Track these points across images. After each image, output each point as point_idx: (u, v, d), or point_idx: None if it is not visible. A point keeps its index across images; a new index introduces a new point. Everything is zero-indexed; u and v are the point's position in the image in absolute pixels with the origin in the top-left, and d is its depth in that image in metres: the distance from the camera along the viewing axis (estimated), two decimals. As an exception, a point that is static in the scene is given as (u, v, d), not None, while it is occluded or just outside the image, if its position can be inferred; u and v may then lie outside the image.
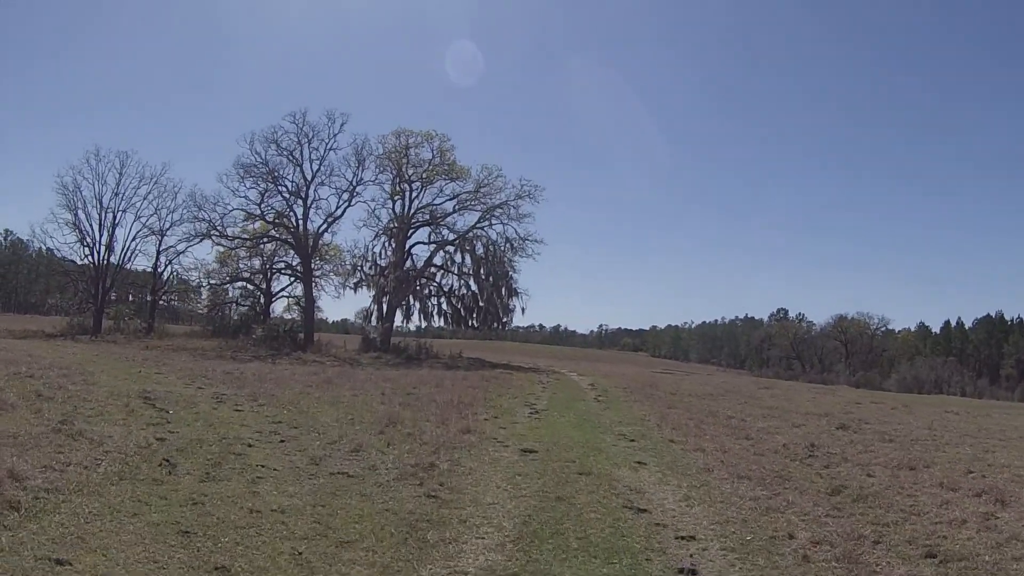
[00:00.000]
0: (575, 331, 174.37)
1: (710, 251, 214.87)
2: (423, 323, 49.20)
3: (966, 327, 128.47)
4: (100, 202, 50.29)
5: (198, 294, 61.02)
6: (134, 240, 51.51)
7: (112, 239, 51.12)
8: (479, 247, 46.73)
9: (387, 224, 47.55)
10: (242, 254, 53.88)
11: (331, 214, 46.74)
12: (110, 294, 53.03)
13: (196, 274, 55.68)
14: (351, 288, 50.23)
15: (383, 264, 47.65)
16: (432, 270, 48.32)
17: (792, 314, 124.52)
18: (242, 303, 57.84)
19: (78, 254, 51.49)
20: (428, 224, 47.69)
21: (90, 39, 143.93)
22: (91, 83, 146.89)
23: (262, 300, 55.94)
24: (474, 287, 47.23)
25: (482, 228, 47.39)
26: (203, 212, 45.75)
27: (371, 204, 47.80)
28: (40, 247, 53.09)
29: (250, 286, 56.67)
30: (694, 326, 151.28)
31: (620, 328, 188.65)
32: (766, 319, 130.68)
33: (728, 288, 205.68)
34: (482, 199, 47.16)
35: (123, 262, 52.22)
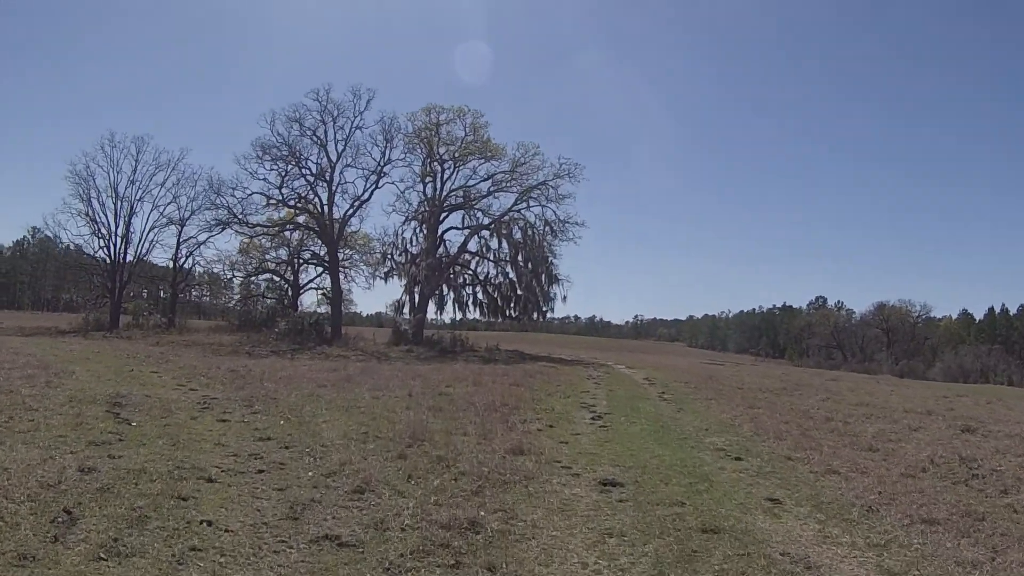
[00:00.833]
0: (610, 322, 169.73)
1: (743, 241, 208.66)
2: (457, 314, 45.19)
3: (1011, 313, 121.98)
4: (116, 191, 47.07)
5: (222, 287, 57.65)
6: (152, 230, 48.16)
7: (129, 230, 47.95)
8: (516, 231, 42.67)
9: (417, 208, 43.67)
10: (267, 244, 50.30)
11: (358, 198, 43.02)
12: (127, 288, 49.66)
13: (220, 266, 52.26)
14: (381, 278, 46.44)
15: (414, 251, 43.72)
16: (466, 257, 44.34)
17: (831, 302, 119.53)
18: (269, 296, 54.33)
19: (93, 246, 48.23)
20: (461, 207, 43.68)
21: (103, 30, 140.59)
22: (106, 75, 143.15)
23: (289, 292, 52.41)
24: (512, 274, 43.15)
25: (519, 211, 43.40)
26: (221, 198, 42.11)
27: (400, 186, 43.97)
28: (68, 244, 49.14)
29: (276, 278, 53.17)
30: (731, 315, 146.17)
31: (655, 318, 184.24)
32: (804, 307, 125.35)
33: (763, 277, 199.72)
34: (519, 179, 43.15)
35: (141, 254, 48.94)
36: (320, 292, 49.91)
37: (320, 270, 48.76)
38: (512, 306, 43.74)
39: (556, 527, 7.08)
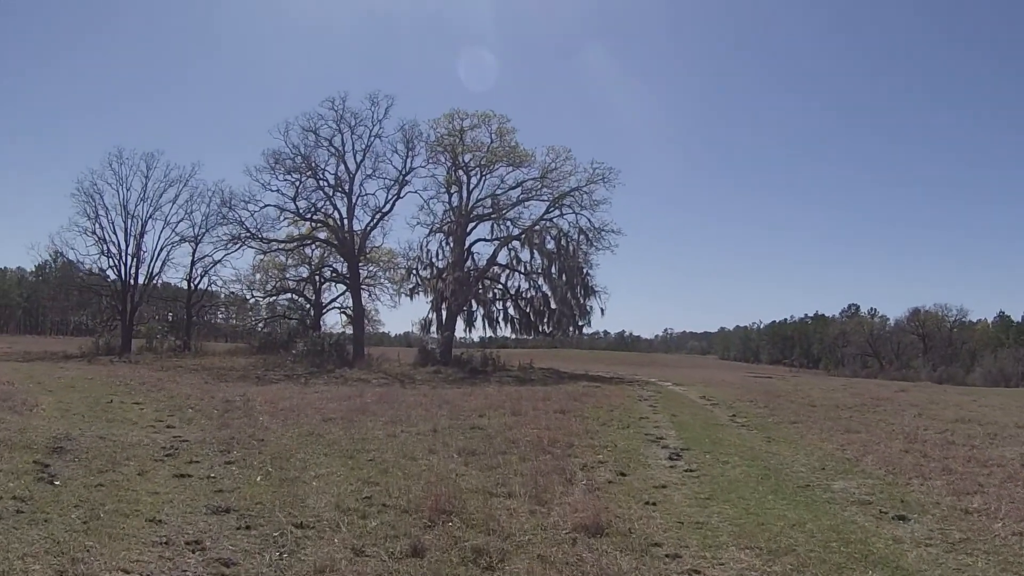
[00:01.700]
0: (639, 336, 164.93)
1: (770, 249, 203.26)
2: (487, 332, 41.48)
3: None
4: (125, 208, 44.14)
5: (247, 309, 54.56)
6: (163, 249, 45.17)
7: (140, 249, 44.95)
8: (549, 241, 39.05)
9: (443, 219, 40.23)
10: (287, 262, 47.10)
11: (379, 210, 39.68)
12: (141, 310, 46.67)
13: (238, 286, 49.08)
14: (406, 295, 42.86)
15: (440, 266, 40.24)
16: (495, 270, 40.75)
17: (864, 309, 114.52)
18: (291, 316, 51.17)
19: (101, 266, 45.30)
20: (489, 218, 40.15)
21: (106, 38, 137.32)
22: (110, 83, 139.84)
23: (311, 312, 49.21)
24: (544, 287, 39.48)
25: (551, 219, 39.81)
26: (234, 212, 38.96)
27: (423, 195, 40.54)
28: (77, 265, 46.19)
29: (298, 297, 50.02)
30: (763, 326, 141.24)
31: (685, 331, 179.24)
32: (837, 315, 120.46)
33: (793, 286, 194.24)
34: (550, 186, 39.59)
35: (152, 274, 45.89)
36: (342, 312, 46.61)
37: (343, 288, 45.53)
38: (546, 321, 40.07)
39: None
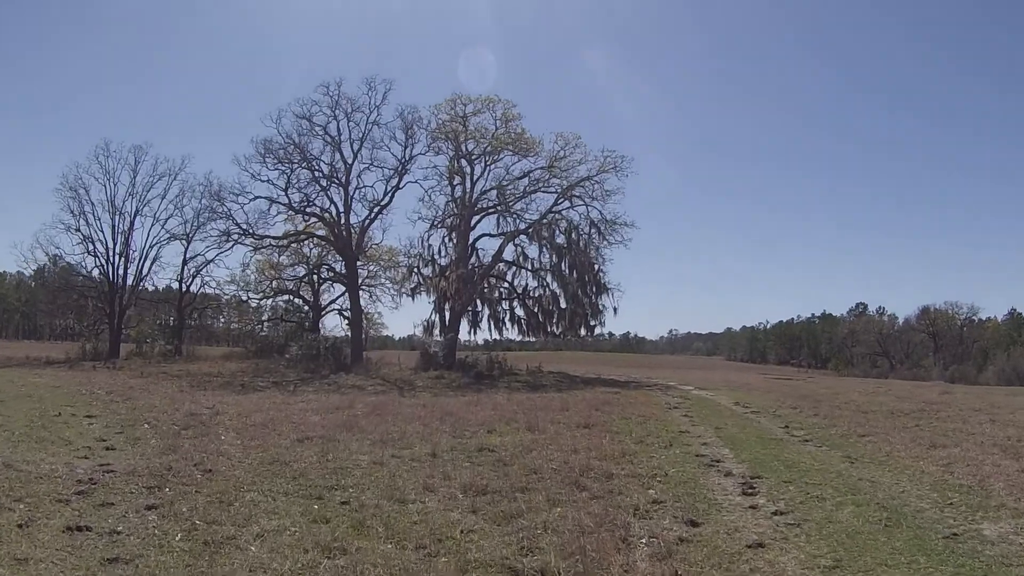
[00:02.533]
0: (644, 337, 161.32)
1: (775, 249, 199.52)
2: (493, 333, 38.41)
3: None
4: (112, 204, 41.31)
5: (236, 311, 51.68)
6: (152, 247, 42.33)
7: (128, 247, 42.09)
8: (558, 235, 36.13)
9: (444, 211, 37.29)
10: (284, 262, 44.16)
11: (377, 202, 36.75)
12: (131, 312, 43.82)
13: (233, 288, 46.14)
14: (407, 295, 39.92)
15: (443, 263, 37.35)
16: (501, 267, 37.88)
17: (871, 308, 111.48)
18: (288, 319, 48.31)
19: (87, 266, 42.58)
20: (495, 210, 37.32)
21: (91, 26, 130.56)
22: (95, 72, 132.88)
23: (310, 314, 46.36)
24: (553, 286, 36.53)
25: (559, 212, 36.93)
26: (223, 205, 36.11)
27: (424, 185, 37.63)
28: (62, 264, 43.47)
29: (296, 299, 47.18)
30: (769, 326, 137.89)
31: (690, 332, 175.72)
32: (844, 315, 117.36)
33: (799, 285, 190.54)
34: (558, 176, 36.66)
35: (142, 274, 43.01)
36: (341, 314, 43.75)
37: (343, 289, 42.61)
38: (555, 321, 37.11)
39: None
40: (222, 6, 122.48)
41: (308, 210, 36.54)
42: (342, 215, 36.44)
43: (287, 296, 47.00)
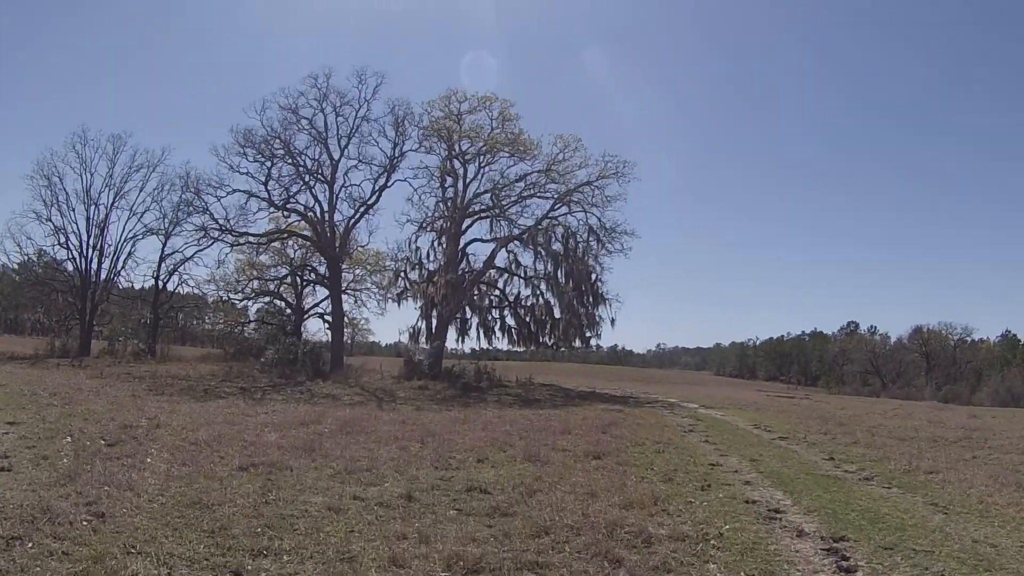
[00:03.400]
0: (632, 350, 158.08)
1: (766, 265, 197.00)
2: (483, 342, 35.68)
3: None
4: (88, 194, 38.57)
5: (215, 312, 48.78)
6: (128, 241, 39.59)
7: (103, 240, 39.34)
8: (554, 242, 33.62)
9: (434, 213, 34.61)
10: (266, 261, 41.31)
11: (363, 202, 34.12)
12: (101, 309, 41.00)
13: (212, 287, 43.22)
14: (393, 300, 37.18)
15: (432, 268, 34.70)
16: (492, 274, 35.27)
17: (863, 327, 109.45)
18: (270, 321, 45.43)
19: (59, 259, 39.81)
20: (488, 213, 34.73)
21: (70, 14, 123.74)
22: (75, 60, 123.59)
23: (292, 318, 43.51)
24: (547, 295, 33.90)
25: (556, 218, 34.39)
26: (199, 199, 33.38)
27: (414, 184, 34.81)
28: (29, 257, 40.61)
29: (277, 301, 44.31)
30: (759, 342, 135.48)
31: (678, 346, 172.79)
32: (835, 333, 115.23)
33: (788, 302, 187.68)
34: (556, 180, 34.11)
35: (117, 268, 40.25)
36: (322, 318, 40.89)
37: (327, 292, 39.87)
38: (548, 332, 34.49)
39: None
40: (220, 7, 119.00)
41: (289, 206, 33.85)
42: (326, 214, 33.80)
43: (268, 298, 44.23)
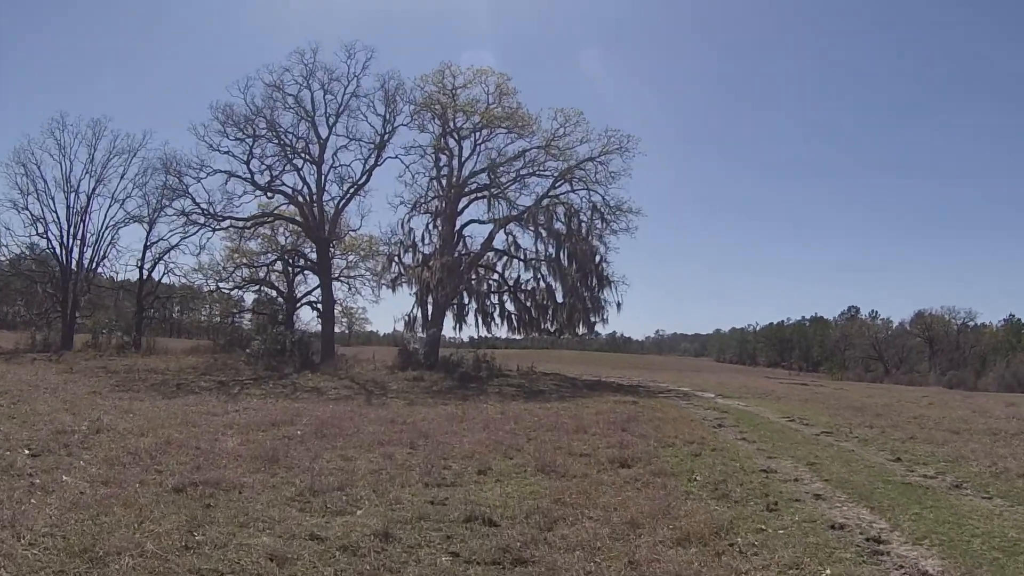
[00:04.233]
0: (630, 337, 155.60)
1: (763, 251, 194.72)
2: (481, 329, 33.39)
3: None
4: (68, 181, 36.29)
5: (201, 300, 46.55)
6: (109, 229, 37.35)
7: (85, 229, 37.10)
8: (556, 222, 31.39)
9: (427, 190, 32.36)
10: (255, 248, 38.95)
11: (354, 182, 31.84)
12: (84, 301, 38.77)
13: (200, 277, 40.85)
14: (387, 286, 34.92)
15: (426, 251, 32.46)
16: (491, 256, 33.14)
17: (864, 312, 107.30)
18: (261, 311, 43.12)
19: (38, 249, 37.58)
20: (485, 191, 32.51)
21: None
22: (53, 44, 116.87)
23: (283, 307, 41.20)
24: (549, 279, 31.69)
25: (557, 197, 32.19)
26: (179, 181, 31.05)
27: (405, 160, 32.55)
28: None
29: (268, 290, 42.00)
30: (759, 328, 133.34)
31: (676, 333, 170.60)
32: (835, 318, 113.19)
33: (789, 287, 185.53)
34: (557, 157, 31.91)
35: (98, 258, 38.00)
36: (313, 307, 38.60)
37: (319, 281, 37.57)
38: (550, 317, 32.26)
39: None
40: (216, 6, 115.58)
41: (276, 187, 31.49)
42: (314, 196, 31.52)
43: (258, 287, 41.95)
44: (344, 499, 6.95)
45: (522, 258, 32.17)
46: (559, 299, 31.51)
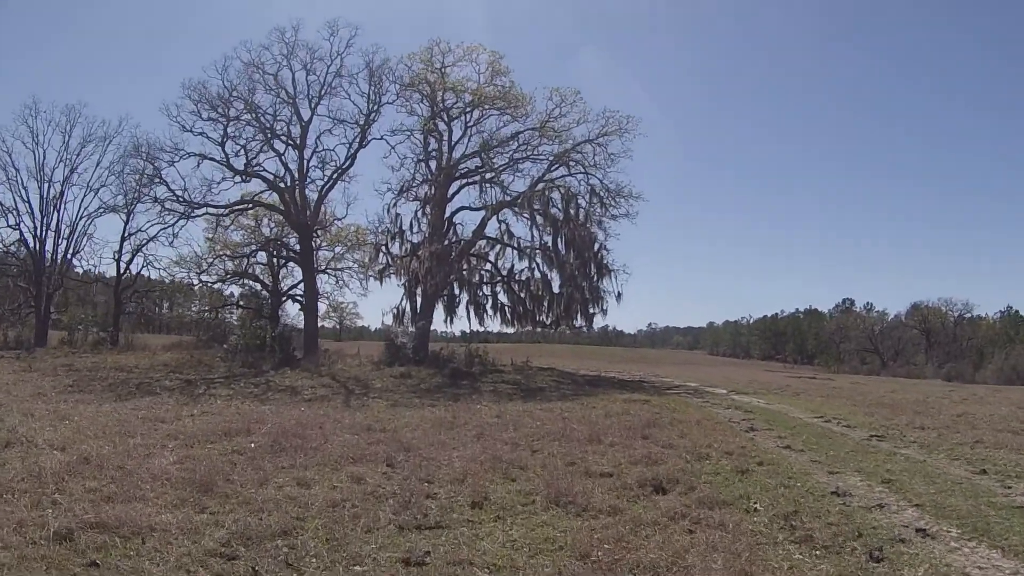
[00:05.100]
0: (623, 331, 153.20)
1: (755, 244, 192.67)
2: (473, 322, 31.20)
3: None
4: (41, 171, 34.08)
5: (186, 296, 44.36)
6: (83, 219, 35.18)
7: (60, 222, 34.92)
8: (553, 207, 29.28)
9: (414, 173, 30.09)
10: (238, 240, 36.59)
11: (338, 167, 29.60)
12: (59, 296, 36.61)
13: (181, 270, 38.48)
14: (375, 277, 32.70)
15: (415, 241, 30.32)
16: (483, 245, 31.07)
17: (858, 304, 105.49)
18: (247, 305, 40.83)
19: (8, 241, 35.32)
20: (477, 174, 30.31)
21: None
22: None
23: (268, 301, 38.94)
24: (544, 268, 29.59)
25: (553, 181, 30.11)
26: (152, 165, 28.78)
27: (392, 143, 30.24)
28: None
29: (251, 282, 39.68)
30: (752, 321, 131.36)
31: (669, 326, 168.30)
32: (830, 311, 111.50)
33: (780, 280, 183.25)
34: (552, 140, 29.81)
35: (74, 250, 35.84)
36: (291, 299, 36.39)
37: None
38: (546, 309, 30.13)
39: None
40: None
41: (253, 171, 29.20)
42: (296, 182, 29.31)
43: (242, 280, 39.65)
44: (283, 554, 4.90)
45: (516, 246, 30.02)
46: (555, 289, 29.42)
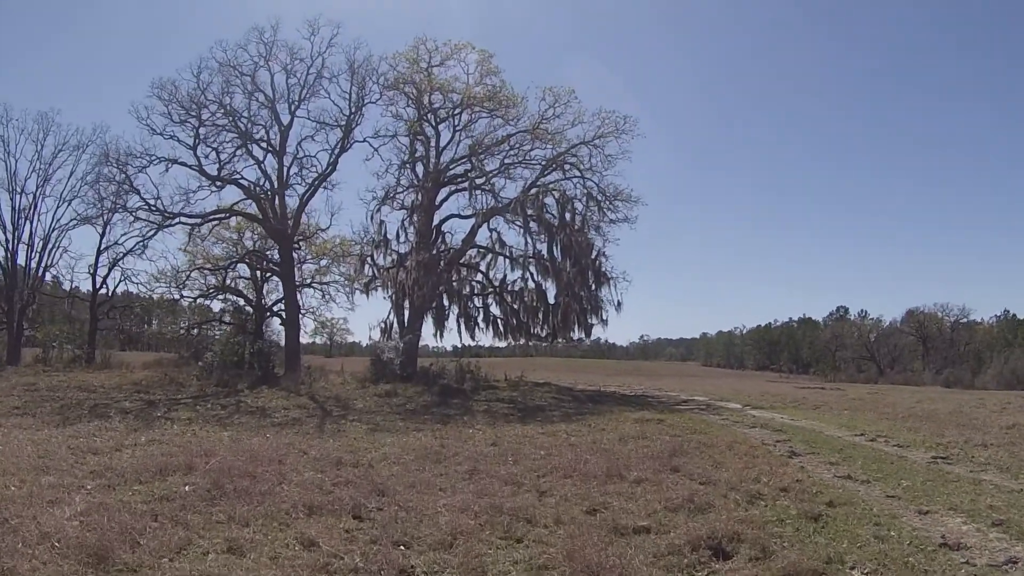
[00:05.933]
0: (615, 343, 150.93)
1: (746, 255, 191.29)
2: (464, 336, 29.11)
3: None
4: (13, 181, 32.09)
5: (166, 312, 42.07)
6: (56, 231, 33.16)
7: (33, 234, 32.93)
8: (547, 212, 27.40)
9: (399, 177, 28.14)
10: (220, 253, 34.53)
11: (320, 173, 27.61)
12: (30, 311, 34.52)
13: (162, 284, 36.33)
14: (360, 290, 30.67)
15: (402, 251, 28.38)
16: (473, 254, 29.14)
17: (853, 312, 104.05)
18: (233, 321, 38.69)
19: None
20: (466, 179, 28.48)
21: None
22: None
23: (253, 316, 36.84)
24: (539, 278, 27.70)
25: (546, 185, 28.25)
26: (123, 172, 26.74)
27: (375, 145, 28.05)
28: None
29: (233, 297, 37.59)
30: (746, 331, 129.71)
31: (662, 338, 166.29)
32: (823, 319, 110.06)
33: (772, 290, 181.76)
34: (545, 142, 28.04)
35: (46, 264, 33.82)
36: (272, 313, 34.30)
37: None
38: (541, 321, 28.17)
39: None
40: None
41: (228, 177, 27.09)
42: (275, 188, 27.31)
43: (224, 295, 37.57)
44: None
45: (508, 255, 28.06)
46: (551, 300, 27.49)
